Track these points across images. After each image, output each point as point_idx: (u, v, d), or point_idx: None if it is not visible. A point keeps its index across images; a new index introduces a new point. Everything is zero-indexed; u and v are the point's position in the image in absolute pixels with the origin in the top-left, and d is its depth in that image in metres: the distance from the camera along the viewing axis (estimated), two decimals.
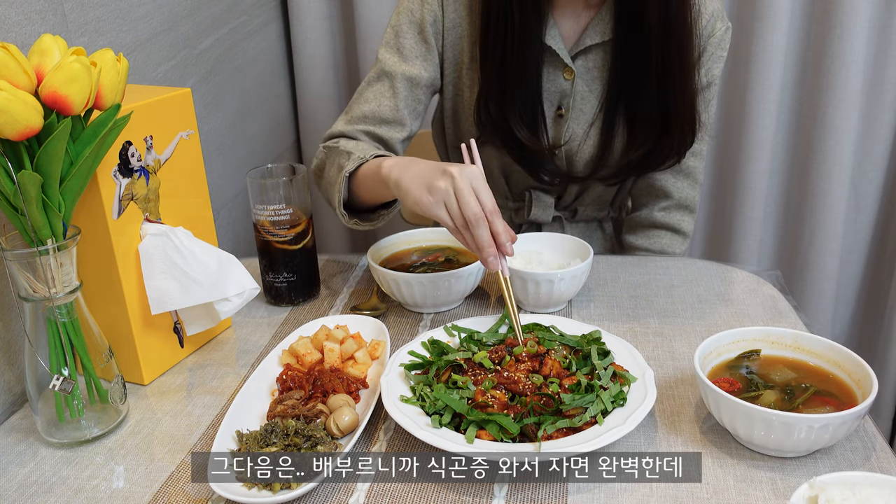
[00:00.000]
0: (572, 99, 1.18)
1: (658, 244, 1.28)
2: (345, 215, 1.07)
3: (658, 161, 1.19)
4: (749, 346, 0.83)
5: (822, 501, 0.63)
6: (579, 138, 1.20)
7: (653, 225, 1.29)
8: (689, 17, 1.09)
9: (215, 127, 1.48)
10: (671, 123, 1.14)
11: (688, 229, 1.29)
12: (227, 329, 1.04)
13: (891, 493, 0.63)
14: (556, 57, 1.15)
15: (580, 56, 1.16)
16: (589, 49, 1.15)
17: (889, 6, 1.65)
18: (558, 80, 1.18)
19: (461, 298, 1.06)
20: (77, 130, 0.74)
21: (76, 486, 0.75)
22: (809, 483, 0.64)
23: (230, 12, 1.53)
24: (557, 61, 1.16)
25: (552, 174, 1.21)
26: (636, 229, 1.31)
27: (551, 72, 1.17)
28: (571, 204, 1.31)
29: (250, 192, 1.03)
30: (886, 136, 1.77)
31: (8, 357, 0.88)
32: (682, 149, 1.18)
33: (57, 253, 0.75)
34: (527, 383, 0.79)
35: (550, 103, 1.19)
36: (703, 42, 1.16)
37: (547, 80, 1.17)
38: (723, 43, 1.18)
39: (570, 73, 1.17)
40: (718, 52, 1.18)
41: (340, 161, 1.06)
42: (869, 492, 0.63)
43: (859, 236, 1.87)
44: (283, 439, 0.75)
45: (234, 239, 1.56)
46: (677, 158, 1.19)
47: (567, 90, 1.18)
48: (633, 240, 1.31)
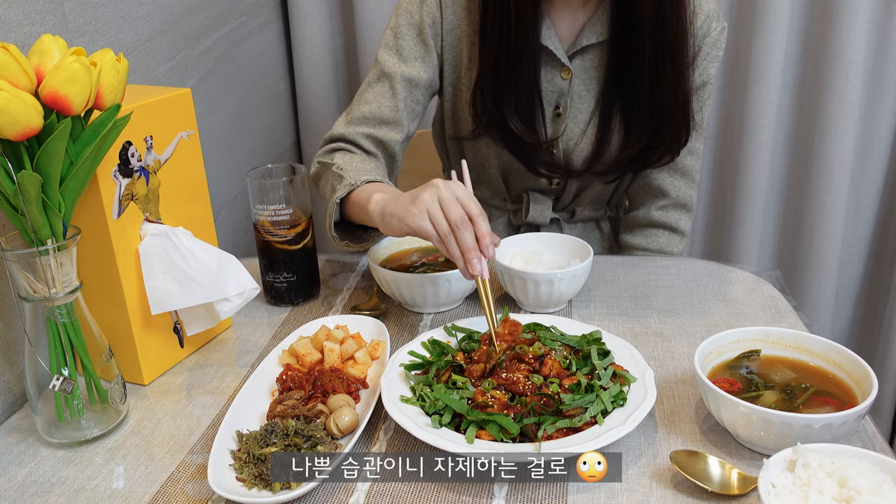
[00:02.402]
0: (569, 98, 1.19)
1: (656, 243, 1.28)
2: (336, 238, 1.05)
3: (653, 159, 1.20)
4: (749, 346, 0.83)
5: (800, 464, 0.64)
6: (577, 136, 1.20)
7: (650, 224, 1.29)
8: (684, 18, 1.10)
9: (215, 127, 1.48)
10: (664, 123, 1.14)
11: (685, 228, 1.29)
12: (227, 329, 1.04)
13: (869, 466, 0.64)
14: (553, 57, 1.16)
15: (577, 56, 1.17)
16: (586, 49, 1.16)
17: (889, 6, 1.65)
18: (556, 80, 1.18)
19: (461, 298, 1.06)
20: (77, 130, 0.74)
21: (76, 486, 0.75)
22: (793, 448, 0.65)
23: (230, 12, 1.53)
24: (554, 61, 1.16)
25: (549, 167, 1.22)
26: (633, 229, 1.31)
27: (549, 71, 1.18)
28: (569, 205, 1.31)
29: (250, 193, 1.03)
30: (886, 136, 1.77)
31: (8, 357, 0.88)
32: (675, 147, 1.18)
33: (57, 253, 0.75)
34: (527, 383, 0.79)
35: (549, 102, 1.20)
36: (699, 42, 1.16)
37: (544, 79, 1.18)
38: (718, 43, 1.18)
39: (567, 72, 1.17)
40: (714, 52, 1.19)
41: (333, 182, 1.06)
42: (847, 462, 0.64)
43: (859, 236, 1.87)
44: (283, 439, 0.75)
45: (234, 239, 1.56)
46: (671, 157, 1.20)
47: (564, 89, 1.18)
48: (631, 239, 1.31)
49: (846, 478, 0.62)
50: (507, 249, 1.07)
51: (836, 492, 0.62)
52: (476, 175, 1.31)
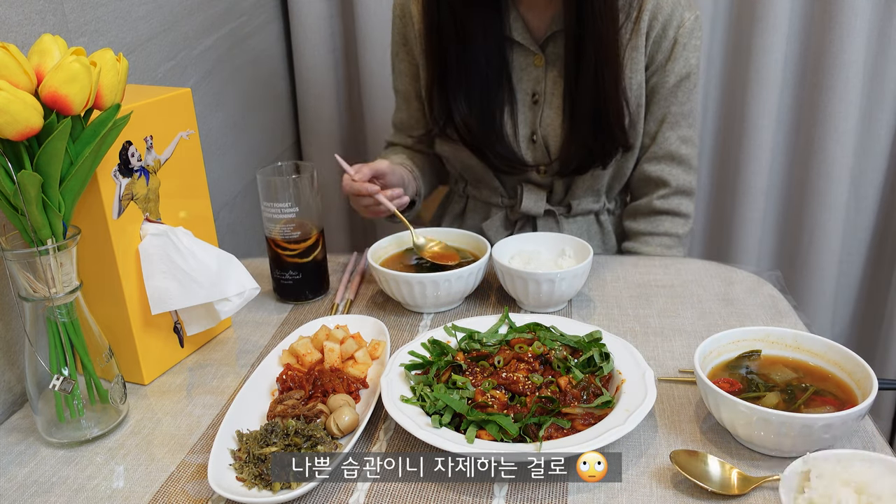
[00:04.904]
0: (544, 84, 1.22)
1: (661, 227, 1.29)
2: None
3: (596, 158, 1.22)
4: (749, 346, 0.83)
5: (814, 475, 0.64)
6: (555, 122, 1.22)
7: (653, 212, 1.30)
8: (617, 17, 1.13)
9: (215, 127, 1.48)
10: (602, 119, 1.18)
11: (688, 210, 1.30)
12: (227, 329, 1.04)
13: (881, 469, 0.64)
14: (523, 47, 1.21)
15: (550, 42, 1.21)
16: (556, 35, 1.19)
17: (889, 6, 1.65)
18: (529, 69, 1.22)
19: (461, 298, 1.06)
20: (77, 130, 0.74)
21: (76, 485, 0.75)
22: (803, 459, 0.65)
23: (230, 12, 1.53)
24: (526, 51, 1.21)
25: (506, 162, 1.25)
26: (636, 216, 1.32)
27: (522, 60, 1.22)
28: (564, 198, 1.31)
29: (260, 190, 1.04)
30: (886, 136, 1.77)
31: (8, 357, 0.88)
32: (611, 148, 1.21)
33: (57, 253, 0.75)
34: (527, 383, 0.79)
35: (525, 91, 1.24)
36: (674, 33, 1.18)
37: (518, 68, 1.23)
38: (695, 31, 1.20)
39: (540, 59, 1.22)
40: (693, 42, 1.20)
41: None
42: (860, 467, 0.64)
43: (859, 236, 1.87)
44: (283, 439, 0.75)
45: (234, 239, 1.56)
46: (605, 161, 1.23)
47: (540, 76, 1.22)
48: (635, 225, 1.31)
49: (863, 484, 0.62)
50: (506, 249, 1.07)
51: (855, 500, 0.62)
52: (472, 176, 1.33)
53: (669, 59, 1.20)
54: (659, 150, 1.26)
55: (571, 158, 1.23)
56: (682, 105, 1.23)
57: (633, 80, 1.20)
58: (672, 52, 1.19)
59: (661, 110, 1.24)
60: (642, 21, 1.17)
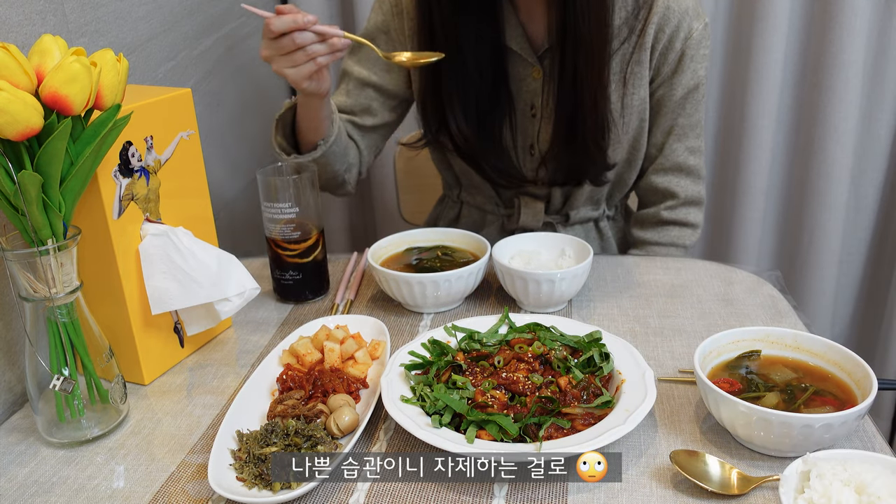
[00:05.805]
0: (542, 98, 1.19)
1: (667, 237, 1.28)
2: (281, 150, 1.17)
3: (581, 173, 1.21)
4: (749, 346, 0.83)
5: (814, 475, 0.64)
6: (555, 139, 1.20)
7: (660, 222, 1.29)
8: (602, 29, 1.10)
9: (215, 127, 1.48)
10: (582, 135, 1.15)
11: (696, 220, 1.29)
12: (227, 329, 1.04)
13: (881, 469, 0.64)
14: (521, 58, 1.18)
15: (548, 55, 1.17)
16: (554, 48, 1.16)
17: (889, 6, 1.65)
18: (528, 80, 1.19)
19: (461, 298, 1.06)
20: (77, 130, 0.74)
21: (77, 485, 0.75)
22: (803, 459, 0.66)
23: (230, 12, 1.53)
24: (524, 62, 1.18)
25: (501, 174, 1.23)
26: (644, 225, 1.31)
27: (520, 71, 1.19)
28: (562, 208, 1.31)
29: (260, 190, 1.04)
30: (886, 136, 1.77)
31: (8, 357, 0.88)
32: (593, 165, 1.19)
33: (57, 253, 0.75)
34: (527, 383, 0.79)
35: (525, 102, 1.21)
36: (681, 45, 1.16)
37: (516, 80, 1.19)
38: (703, 41, 1.17)
39: (538, 72, 1.18)
40: (701, 52, 1.18)
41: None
42: (860, 468, 0.64)
43: (859, 236, 1.87)
44: (283, 439, 0.75)
45: (234, 239, 1.56)
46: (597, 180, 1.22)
47: (537, 89, 1.19)
48: (642, 234, 1.30)
49: (863, 484, 0.62)
50: (506, 249, 1.07)
51: (855, 500, 0.62)
52: (469, 182, 1.32)
53: (676, 71, 1.17)
54: (666, 161, 1.24)
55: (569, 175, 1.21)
56: (689, 117, 1.21)
57: (636, 97, 1.18)
58: (679, 64, 1.17)
59: (668, 122, 1.22)
60: (647, 35, 1.14)
